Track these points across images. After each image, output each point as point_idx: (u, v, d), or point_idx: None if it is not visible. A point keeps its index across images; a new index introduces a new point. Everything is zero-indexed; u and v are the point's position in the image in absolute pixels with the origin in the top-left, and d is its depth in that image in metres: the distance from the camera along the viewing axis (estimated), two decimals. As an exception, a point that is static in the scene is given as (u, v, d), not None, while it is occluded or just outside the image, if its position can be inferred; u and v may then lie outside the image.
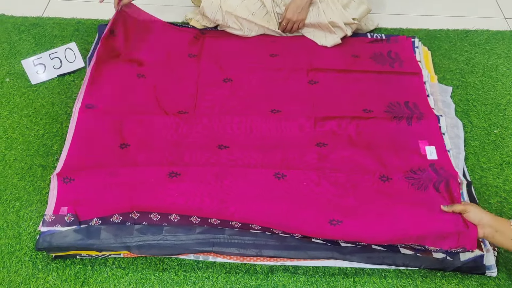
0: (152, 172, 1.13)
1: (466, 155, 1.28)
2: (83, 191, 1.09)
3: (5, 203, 1.14)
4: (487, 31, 1.68)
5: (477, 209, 1.00)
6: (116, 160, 1.17)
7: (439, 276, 1.04)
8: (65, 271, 1.03)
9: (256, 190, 1.12)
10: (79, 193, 1.09)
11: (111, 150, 1.19)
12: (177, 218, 1.06)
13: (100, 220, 1.05)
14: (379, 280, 1.03)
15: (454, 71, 1.52)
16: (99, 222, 1.05)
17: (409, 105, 1.33)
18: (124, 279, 1.02)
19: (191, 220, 1.06)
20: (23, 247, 1.06)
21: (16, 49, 1.53)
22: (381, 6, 1.78)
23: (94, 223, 1.05)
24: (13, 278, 1.01)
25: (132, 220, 1.05)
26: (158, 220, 1.06)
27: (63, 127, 1.30)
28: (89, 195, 1.09)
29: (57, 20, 1.65)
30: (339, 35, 1.53)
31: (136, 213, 1.06)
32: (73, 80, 1.44)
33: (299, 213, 1.08)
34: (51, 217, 1.04)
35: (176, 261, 1.05)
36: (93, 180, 1.11)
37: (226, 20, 1.51)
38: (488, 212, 1.00)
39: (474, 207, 1.01)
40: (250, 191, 1.12)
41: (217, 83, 1.39)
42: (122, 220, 1.05)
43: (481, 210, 1.00)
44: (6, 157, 1.23)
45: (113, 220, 1.05)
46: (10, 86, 1.42)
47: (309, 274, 1.04)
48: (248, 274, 1.04)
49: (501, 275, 1.04)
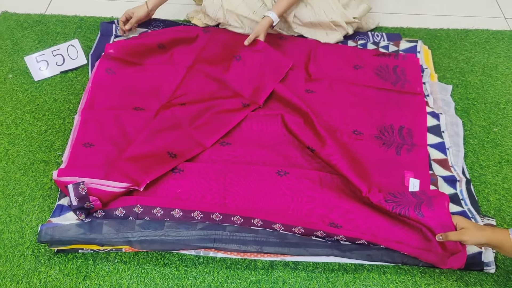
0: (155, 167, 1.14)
1: (466, 153, 1.28)
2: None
3: (8, 197, 1.15)
4: (487, 30, 1.69)
5: (473, 231, 0.92)
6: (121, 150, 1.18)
7: (437, 272, 1.05)
8: (67, 265, 1.03)
9: (259, 186, 1.13)
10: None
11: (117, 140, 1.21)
12: (179, 214, 1.07)
13: (104, 212, 1.06)
14: (379, 276, 1.04)
15: (454, 70, 1.53)
16: (102, 214, 1.06)
17: (403, 132, 1.28)
18: (125, 273, 1.03)
19: (193, 216, 1.07)
20: (25, 241, 1.07)
21: (19, 46, 1.54)
22: (381, 5, 1.79)
23: (98, 214, 1.05)
24: (16, 272, 1.02)
25: (135, 214, 1.06)
26: (161, 216, 1.07)
27: (65, 123, 1.31)
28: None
29: (59, 17, 1.65)
30: (341, 33, 1.54)
31: (140, 207, 1.06)
32: (76, 76, 1.45)
33: (302, 209, 1.09)
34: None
35: (177, 256, 1.06)
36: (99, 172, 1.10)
37: (227, 18, 1.52)
38: (485, 228, 0.94)
39: (469, 230, 0.93)
40: (253, 187, 1.12)
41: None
42: (125, 214, 1.06)
43: (477, 230, 0.92)
44: (9, 152, 1.24)
45: (116, 213, 1.06)
46: (13, 82, 1.42)
47: (309, 270, 1.05)
48: (249, 269, 1.05)
49: (499, 271, 1.05)
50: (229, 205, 1.09)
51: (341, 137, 1.25)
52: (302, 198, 1.12)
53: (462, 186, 1.18)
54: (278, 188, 1.13)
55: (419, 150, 1.24)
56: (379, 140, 1.26)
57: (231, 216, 1.06)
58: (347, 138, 1.25)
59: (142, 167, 1.11)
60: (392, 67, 1.46)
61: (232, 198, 1.11)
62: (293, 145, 1.24)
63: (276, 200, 1.11)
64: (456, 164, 1.23)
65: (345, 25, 1.52)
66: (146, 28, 1.57)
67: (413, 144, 1.26)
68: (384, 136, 1.28)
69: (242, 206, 1.09)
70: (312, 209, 1.10)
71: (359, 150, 1.23)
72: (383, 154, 1.23)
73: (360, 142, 1.25)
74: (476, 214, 1.12)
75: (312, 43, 1.53)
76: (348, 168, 1.11)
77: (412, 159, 1.22)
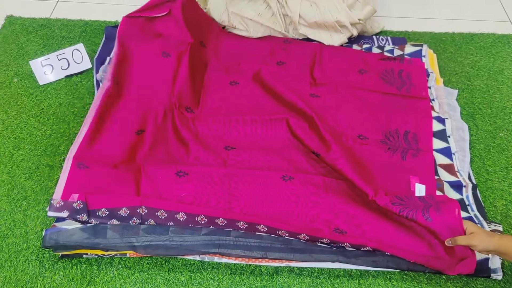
0: (160, 170, 1.14)
1: (472, 158, 1.28)
2: (95, 180, 1.08)
3: (12, 202, 1.15)
4: (493, 34, 1.68)
5: (482, 236, 0.92)
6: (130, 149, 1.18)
7: (444, 278, 1.04)
8: (71, 270, 1.03)
9: (264, 191, 1.12)
10: (91, 181, 1.08)
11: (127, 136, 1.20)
12: (183, 217, 1.06)
13: (108, 211, 1.05)
14: (384, 282, 1.03)
15: (460, 74, 1.53)
16: (106, 213, 1.04)
17: (408, 137, 1.27)
18: (130, 279, 1.03)
19: (198, 220, 1.06)
20: (30, 246, 1.07)
21: (24, 50, 1.55)
22: (386, 9, 1.78)
23: (102, 213, 1.04)
24: (20, 277, 1.02)
25: (139, 215, 1.05)
26: (165, 219, 1.06)
27: (70, 127, 1.31)
28: (100, 184, 1.08)
29: (64, 21, 1.66)
30: (345, 35, 1.54)
31: (144, 209, 1.06)
32: (80, 81, 1.45)
33: (306, 214, 1.09)
34: (59, 202, 1.02)
35: (181, 261, 1.06)
36: (107, 170, 1.11)
37: (232, 21, 1.52)
38: (494, 235, 0.92)
39: (479, 235, 0.92)
40: (257, 192, 1.12)
41: (224, 85, 1.40)
42: (129, 214, 1.05)
43: (486, 236, 0.92)
44: (14, 156, 1.24)
45: (120, 213, 1.05)
46: (18, 86, 1.43)
47: (314, 276, 1.04)
48: (253, 275, 1.04)
49: (506, 278, 1.04)
50: (234, 210, 1.09)
51: (346, 142, 1.25)
52: (307, 203, 1.11)
53: (468, 191, 1.17)
54: (282, 193, 1.12)
55: (424, 155, 1.23)
56: (385, 145, 1.25)
57: (236, 221, 1.06)
58: (352, 142, 1.25)
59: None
60: (397, 72, 1.45)
61: (237, 203, 1.10)
62: (298, 150, 1.23)
63: (281, 206, 1.10)
64: (462, 169, 1.22)
65: (349, 26, 1.52)
66: None
67: (418, 149, 1.25)
68: (390, 141, 1.27)
69: (247, 211, 1.09)
70: (317, 214, 1.09)
71: (364, 154, 1.22)
72: (389, 159, 1.22)
73: (365, 147, 1.24)
74: (483, 220, 1.11)
75: (317, 46, 1.53)
76: (353, 173, 1.11)
77: (417, 164, 1.21)
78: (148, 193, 1.09)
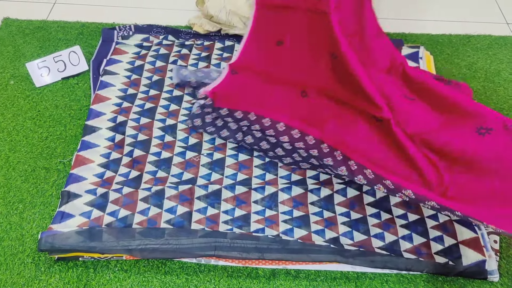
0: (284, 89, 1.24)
1: (468, 160, 1.27)
2: (235, 87, 1.25)
3: (8, 205, 1.14)
4: (490, 36, 1.69)
5: None
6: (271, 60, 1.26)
7: (441, 280, 1.04)
8: (67, 273, 1.03)
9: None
10: (232, 86, 1.25)
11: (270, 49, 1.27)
12: (283, 127, 1.18)
13: (228, 111, 1.23)
14: (381, 284, 1.03)
15: (457, 76, 1.53)
16: (226, 113, 1.23)
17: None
18: (126, 281, 1.02)
19: (306, 140, 1.15)
20: (26, 249, 1.07)
21: (21, 52, 1.54)
22: (383, 11, 1.78)
23: (223, 112, 1.23)
24: (16, 280, 1.02)
25: (248, 120, 1.21)
26: (268, 126, 1.18)
27: (66, 129, 1.31)
28: (235, 90, 1.25)
29: (61, 23, 1.66)
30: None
31: (253, 115, 1.21)
32: (77, 83, 1.45)
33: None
34: (205, 93, 1.24)
35: (178, 264, 1.06)
36: (249, 80, 1.25)
37: (230, 19, 1.52)
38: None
39: None
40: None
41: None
42: (242, 117, 1.22)
43: None
44: (10, 159, 1.24)
45: (236, 115, 1.22)
46: (15, 88, 1.43)
47: (310, 278, 1.04)
48: (250, 277, 1.04)
49: (503, 280, 1.04)
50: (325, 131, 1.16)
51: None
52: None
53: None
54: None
55: None
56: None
57: (321, 143, 1.14)
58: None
59: None
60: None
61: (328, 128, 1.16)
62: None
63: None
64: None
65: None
66: (147, 34, 1.57)
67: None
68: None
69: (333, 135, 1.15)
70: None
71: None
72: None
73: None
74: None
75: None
76: None
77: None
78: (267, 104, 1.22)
